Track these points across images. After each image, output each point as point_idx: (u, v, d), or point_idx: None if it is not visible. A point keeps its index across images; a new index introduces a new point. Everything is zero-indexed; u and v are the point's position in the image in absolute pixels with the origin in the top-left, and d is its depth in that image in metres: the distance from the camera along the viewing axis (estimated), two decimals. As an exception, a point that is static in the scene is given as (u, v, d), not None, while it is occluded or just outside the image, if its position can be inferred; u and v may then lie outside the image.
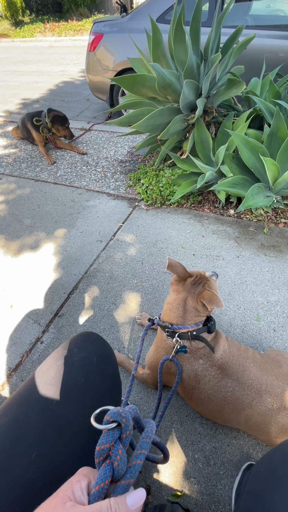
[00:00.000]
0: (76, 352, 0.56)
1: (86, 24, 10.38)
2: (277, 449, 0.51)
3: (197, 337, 0.79)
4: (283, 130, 1.51)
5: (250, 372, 0.78)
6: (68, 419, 0.48)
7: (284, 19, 3.13)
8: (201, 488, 0.82)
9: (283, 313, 1.25)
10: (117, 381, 0.61)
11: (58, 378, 0.52)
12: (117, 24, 2.94)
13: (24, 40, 9.85)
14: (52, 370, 0.54)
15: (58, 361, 0.55)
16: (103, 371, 0.56)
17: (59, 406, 0.49)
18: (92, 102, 4.24)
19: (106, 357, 0.60)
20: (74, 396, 0.50)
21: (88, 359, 0.56)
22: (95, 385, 0.54)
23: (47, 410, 0.48)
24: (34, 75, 5.77)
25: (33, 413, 0.47)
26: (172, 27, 1.55)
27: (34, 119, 2.54)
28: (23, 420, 0.46)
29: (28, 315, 1.30)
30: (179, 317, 0.81)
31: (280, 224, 1.72)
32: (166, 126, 1.67)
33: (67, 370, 0.53)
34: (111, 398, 0.56)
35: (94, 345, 0.60)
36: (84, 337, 0.61)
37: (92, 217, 1.86)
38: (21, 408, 0.48)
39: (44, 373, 0.54)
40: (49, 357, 0.58)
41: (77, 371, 0.53)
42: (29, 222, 1.84)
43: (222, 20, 1.64)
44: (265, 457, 0.52)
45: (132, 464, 0.34)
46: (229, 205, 1.86)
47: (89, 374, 0.54)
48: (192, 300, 0.80)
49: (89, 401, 0.52)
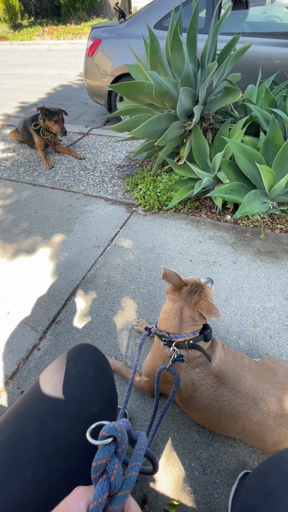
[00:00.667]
0: (72, 366, 0.56)
1: (84, 28, 10.44)
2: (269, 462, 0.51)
3: (194, 346, 0.80)
4: (279, 137, 1.53)
5: (246, 381, 0.79)
6: (65, 436, 0.48)
7: (280, 26, 3.18)
8: (198, 497, 0.82)
9: (279, 319, 1.26)
10: (113, 394, 0.61)
11: (54, 393, 0.52)
12: (115, 30, 2.96)
13: (22, 43, 9.87)
14: (48, 384, 0.54)
15: (55, 376, 0.55)
16: (99, 385, 0.56)
17: (55, 422, 0.49)
18: (90, 106, 4.25)
19: (103, 370, 0.60)
20: (70, 411, 0.50)
21: (84, 372, 0.56)
22: (91, 399, 0.54)
23: (43, 426, 0.48)
24: (32, 78, 5.78)
25: (29, 430, 0.47)
26: (169, 35, 1.57)
27: (33, 124, 2.54)
28: (19, 438, 0.46)
29: (25, 321, 1.30)
30: (176, 326, 0.81)
31: (276, 230, 1.74)
32: (163, 133, 1.68)
33: (63, 385, 0.53)
34: (107, 411, 0.56)
35: (91, 358, 0.60)
36: (81, 350, 0.61)
37: (90, 222, 1.86)
38: (17, 425, 0.48)
39: (41, 388, 0.54)
40: (45, 371, 0.58)
41: (73, 385, 0.53)
42: (26, 227, 1.84)
43: (219, 27, 1.66)
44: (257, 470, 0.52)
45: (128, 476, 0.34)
46: (226, 211, 1.88)
47: (86, 388, 0.54)
48: (188, 309, 0.80)
49: (86, 416, 0.51)
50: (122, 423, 0.37)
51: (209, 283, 0.91)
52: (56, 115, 2.43)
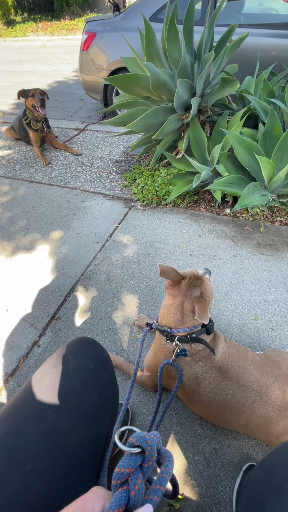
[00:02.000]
0: (71, 359, 0.55)
1: (79, 23, 10.31)
2: (275, 453, 0.50)
3: (196, 339, 0.79)
4: (278, 128, 1.51)
5: (250, 374, 0.78)
6: (64, 429, 0.47)
7: (277, 17, 3.14)
8: (202, 491, 0.81)
9: (281, 311, 1.25)
10: (114, 388, 0.60)
11: (53, 387, 0.51)
12: (110, 23, 2.92)
13: (16, 40, 9.75)
14: (46, 378, 0.52)
15: (53, 369, 0.54)
16: (99, 378, 0.55)
17: (54, 416, 0.47)
18: (86, 102, 4.21)
19: (103, 363, 0.58)
20: (69, 404, 0.49)
21: (84, 365, 0.55)
22: (91, 392, 0.52)
23: (42, 420, 0.47)
24: (27, 75, 5.71)
25: (28, 425, 0.46)
26: (165, 26, 1.54)
27: (24, 118, 2.51)
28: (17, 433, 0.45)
29: (24, 318, 1.29)
30: (177, 320, 0.80)
31: (276, 222, 1.72)
32: (160, 126, 1.66)
33: (62, 378, 0.52)
34: (108, 405, 0.55)
35: (90, 351, 0.58)
36: (80, 343, 0.60)
37: (88, 218, 1.85)
38: (15, 420, 0.47)
39: (39, 382, 0.52)
40: (44, 365, 0.56)
41: (72, 378, 0.52)
42: (24, 224, 1.82)
43: (215, 18, 1.63)
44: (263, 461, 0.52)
45: (149, 499, 0.32)
46: (225, 204, 1.86)
47: (85, 381, 0.53)
48: (189, 304, 0.79)
49: (85, 410, 0.50)
50: (153, 436, 0.34)
51: (207, 274, 0.89)
52: (33, 90, 2.43)
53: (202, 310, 0.75)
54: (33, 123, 2.50)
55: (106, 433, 0.52)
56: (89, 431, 0.49)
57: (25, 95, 2.45)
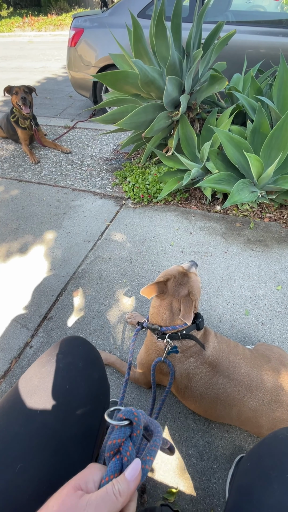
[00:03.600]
0: (60, 358, 0.55)
1: (66, 19, 10.14)
2: (262, 443, 0.51)
3: (187, 335, 0.80)
4: (266, 125, 1.53)
5: (240, 368, 0.79)
6: (54, 428, 0.47)
7: (264, 15, 3.16)
8: (196, 483, 0.83)
9: (271, 306, 1.28)
10: (104, 386, 0.60)
11: (42, 386, 0.51)
12: (97, 19, 2.89)
13: (2, 35, 9.52)
14: (35, 378, 0.52)
15: (42, 368, 0.54)
16: (89, 376, 0.55)
17: (43, 415, 0.48)
18: (75, 99, 4.16)
19: (92, 361, 0.58)
20: (59, 403, 0.49)
21: (73, 364, 0.55)
22: (81, 390, 0.53)
23: (31, 420, 0.47)
24: (14, 72, 5.59)
25: (16, 424, 0.46)
26: (153, 22, 1.54)
27: (11, 116, 2.47)
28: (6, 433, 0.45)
29: (15, 319, 1.27)
30: (167, 319, 0.81)
31: (266, 219, 1.75)
32: (150, 123, 1.66)
33: (51, 377, 0.52)
34: (98, 403, 0.55)
35: (80, 350, 0.58)
36: (69, 342, 0.59)
37: (79, 217, 1.83)
38: (4, 420, 0.47)
39: (28, 382, 0.52)
40: (33, 364, 0.56)
41: (62, 377, 0.52)
42: (13, 224, 1.79)
43: (203, 15, 1.63)
44: (251, 451, 0.53)
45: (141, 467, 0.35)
46: (215, 201, 1.88)
47: (75, 380, 0.53)
48: (177, 303, 0.80)
49: (75, 408, 0.50)
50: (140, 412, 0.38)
51: (193, 267, 0.89)
52: (17, 88, 2.39)
53: (187, 311, 0.75)
54: (21, 121, 2.46)
55: (97, 430, 0.53)
56: (79, 429, 0.49)
57: (10, 92, 2.41)
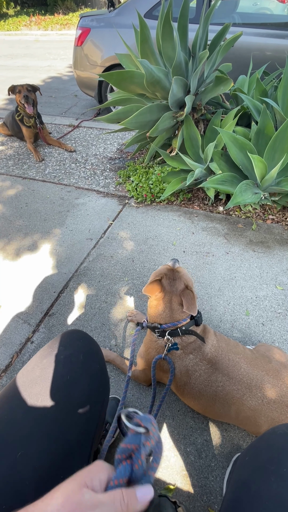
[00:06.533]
0: (61, 350, 0.56)
1: (73, 18, 10.18)
2: (261, 438, 0.52)
3: (187, 331, 0.81)
4: (270, 127, 1.54)
5: (240, 367, 0.80)
6: (54, 417, 0.48)
7: (271, 17, 3.16)
8: (193, 481, 0.83)
9: (271, 307, 1.28)
10: (104, 378, 0.61)
11: (43, 377, 0.52)
12: (104, 19, 2.90)
13: (9, 34, 9.56)
14: (37, 369, 0.53)
15: (44, 360, 0.55)
16: (89, 368, 0.56)
17: (44, 404, 0.49)
18: (80, 98, 4.17)
19: (93, 354, 0.60)
20: (60, 394, 0.50)
21: (74, 356, 0.56)
22: (81, 382, 0.54)
23: (32, 409, 0.48)
24: (20, 70, 5.63)
25: (18, 413, 0.47)
26: (160, 23, 1.54)
27: (16, 114, 2.49)
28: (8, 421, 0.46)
29: (17, 315, 1.28)
30: (167, 316, 0.82)
31: (268, 220, 1.75)
32: (155, 123, 1.67)
33: (52, 369, 0.53)
34: (98, 394, 0.56)
35: (80, 343, 0.59)
36: (70, 335, 0.61)
37: (82, 215, 1.84)
38: (6, 408, 0.48)
39: (29, 373, 0.53)
40: (34, 357, 0.57)
41: (62, 369, 0.53)
42: (17, 221, 1.80)
43: (210, 16, 1.64)
44: (250, 446, 0.54)
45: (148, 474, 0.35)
46: (218, 202, 1.88)
47: (75, 372, 0.54)
48: (176, 298, 0.81)
49: (76, 398, 0.52)
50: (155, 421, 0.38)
51: (176, 263, 0.91)
52: (19, 86, 2.41)
53: (190, 303, 0.77)
54: (25, 119, 2.47)
55: (96, 421, 0.54)
56: (79, 419, 0.50)
57: (14, 91, 2.43)
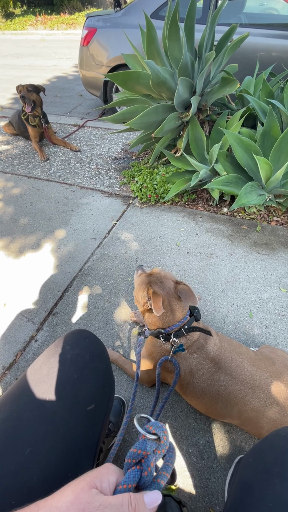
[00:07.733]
0: (68, 350, 0.57)
1: (79, 18, 10.21)
2: (265, 440, 0.52)
3: (191, 328, 0.81)
4: (276, 129, 1.53)
5: (243, 368, 0.80)
6: (61, 415, 0.49)
7: (277, 18, 3.15)
8: (195, 482, 0.84)
9: (275, 309, 1.28)
10: (109, 377, 0.62)
11: (50, 375, 0.52)
12: (110, 19, 2.91)
13: (15, 33, 9.62)
14: (44, 367, 0.54)
15: (51, 359, 0.55)
16: (95, 368, 0.57)
17: (52, 402, 0.49)
18: (85, 98, 4.19)
19: (99, 353, 0.60)
20: (67, 392, 0.51)
21: (81, 356, 0.57)
22: (88, 381, 0.54)
23: (40, 407, 0.49)
24: (25, 69, 5.66)
25: (26, 411, 0.48)
26: (166, 23, 1.55)
27: (22, 114, 2.50)
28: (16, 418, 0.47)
29: (21, 313, 1.29)
30: (170, 319, 0.82)
31: (273, 222, 1.75)
32: (160, 124, 1.67)
33: (59, 367, 0.53)
34: (103, 394, 0.57)
35: (87, 342, 0.60)
36: (77, 335, 0.61)
37: (86, 214, 1.85)
38: (14, 406, 0.49)
39: (37, 371, 0.54)
40: (42, 355, 0.58)
41: (69, 368, 0.54)
42: (21, 220, 1.82)
43: (217, 17, 1.64)
44: (254, 448, 0.54)
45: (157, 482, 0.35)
46: (222, 203, 1.88)
47: (82, 371, 0.55)
48: (173, 297, 0.82)
49: (82, 397, 0.52)
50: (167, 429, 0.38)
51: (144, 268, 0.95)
52: (21, 86, 2.43)
53: (189, 295, 0.79)
54: (31, 119, 2.49)
55: (102, 420, 0.54)
56: (86, 418, 0.51)
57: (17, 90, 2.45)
